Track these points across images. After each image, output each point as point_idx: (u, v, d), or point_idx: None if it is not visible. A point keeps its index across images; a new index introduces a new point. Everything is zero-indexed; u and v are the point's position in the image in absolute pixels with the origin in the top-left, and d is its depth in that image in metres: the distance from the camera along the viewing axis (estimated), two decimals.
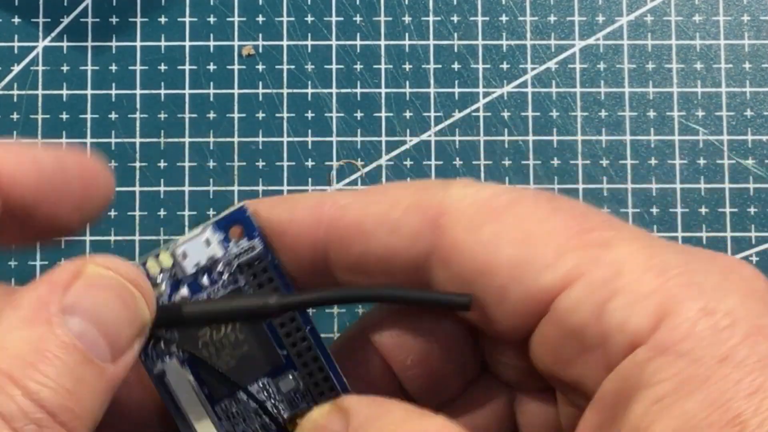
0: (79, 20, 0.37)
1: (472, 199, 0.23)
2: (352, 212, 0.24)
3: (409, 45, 0.38)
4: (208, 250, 0.25)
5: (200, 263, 0.25)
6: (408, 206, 0.23)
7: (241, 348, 0.26)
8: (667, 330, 0.20)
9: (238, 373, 0.26)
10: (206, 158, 0.37)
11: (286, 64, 0.37)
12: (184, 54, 0.37)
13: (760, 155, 0.37)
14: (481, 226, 0.22)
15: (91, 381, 0.21)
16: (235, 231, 0.25)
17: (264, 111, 0.37)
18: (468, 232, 0.22)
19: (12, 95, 0.37)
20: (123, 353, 0.22)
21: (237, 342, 0.26)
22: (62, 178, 0.24)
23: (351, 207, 0.24)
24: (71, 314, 0.21)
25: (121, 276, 0.23)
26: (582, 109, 0.37)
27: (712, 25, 0.38)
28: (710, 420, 0.18)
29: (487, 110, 0.37)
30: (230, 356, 0.26)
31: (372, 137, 0.37)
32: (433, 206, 0.23)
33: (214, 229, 0.25)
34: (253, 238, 0.25)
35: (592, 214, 0.22)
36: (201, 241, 0.25)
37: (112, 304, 0.22)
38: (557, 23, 0.38)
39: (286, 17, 0.38)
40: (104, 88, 0.37)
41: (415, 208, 0.23)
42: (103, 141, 0.37)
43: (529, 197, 0.23)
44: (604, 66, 0.38)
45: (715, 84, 0.38)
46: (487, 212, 0.22)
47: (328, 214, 0.24)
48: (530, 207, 0.22)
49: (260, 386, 0.26)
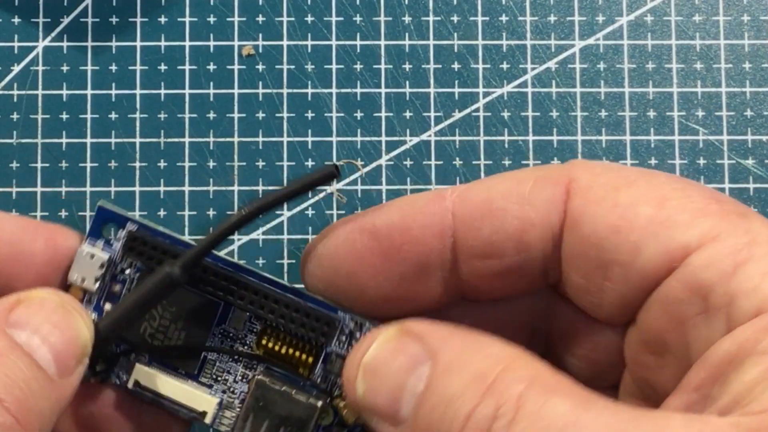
0: (79, 20, 0.37)
1: (602, 168, 0.23)
2: (478, 194, 0.24)
3: (409, 45, 0.38)
4: (95, 260, 0.26)
5: (97, 276, 0.26)
6: (536, 179, 0.24)
7: (181, 317, 0.27)
8: None
9: (194, 338, 0.27)
10: (206, 158, 0.37)
11: (286, 64, 0.37)
12: (184, 54, 0.37)
13: (760, 155, 0.37)
14: (616, 188, 0.23)
15: (41, 388, 0.22)
16: (108, 230, 0.27)
17: (264, 111, 0.37)
18: (603, 195, 0.23)
19: (12, 95, 0.37)
20: (69, 372, 0.23)
21: (174, 315, 0.27)
22: (25, 249, 0.26)
23: (475, 190, 0.24)
24: (18, 329, 0.23)
25: (60, 299, 0.24)
26: (582, 109, 0.37)
27: (712, 25, 0.38)
28: None
29: (487, 110, 0.37)
30: (177, 330, 0.27)
31: (372, 137, 0.37)
32: (562, 175, 0.23)
33: (89, 242, 0.27)
34: (124, 226, 0.26)
35: (721, 194, 0.23)
36: (84, 258, 0.26)
37: (55, 322, 0.23)
38: (557, 23, 0.38)
39: (286, 17, 0.38)
40: (104, 88, 0.37)
41: (545, 179, 0.23)
42: (103, 141, 0.37)
43: (660, 172, 0.24)
44: (604, 66, 0.38)
45: (715, 84, 0.38)
46: (621, 178, 0.23)
47: (451, 200, 0.24)
48: (664, 177, 0.23)
49: (217, 334, 0.26)
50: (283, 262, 0.37)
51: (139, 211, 0.37)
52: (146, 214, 0.37)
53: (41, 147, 0.37)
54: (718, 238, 0.21)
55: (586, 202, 0.23)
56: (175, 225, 0.37)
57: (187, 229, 0.37)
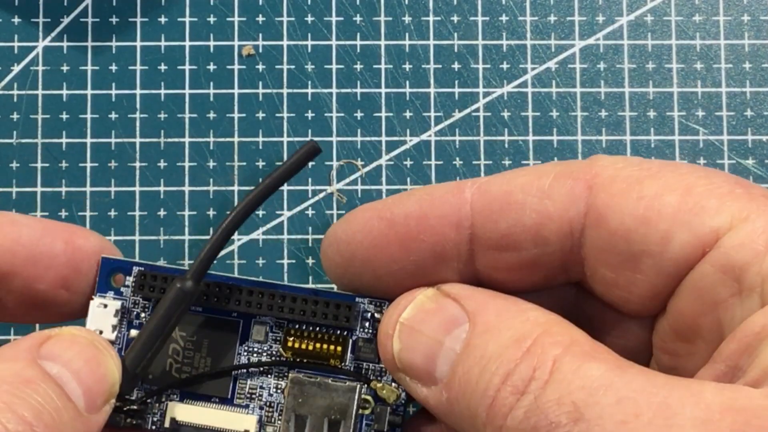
0: (79, 20, 0.37)
1: (624, 163, 0.23)
2: (497, 186, 0.24)
3: (409, 45, 0.38)
4: (109, 310, 0.27)
5: (114, 323, 0.27)
6: (557, 174, 0.23)
7: (202, 344, 0.27)
8: None
9: (219, 361, 0.27)
10: (206, 158, 0.37)
11: (286, 64, 0.37)
12: (184, 54, 0.37)
13: (760, 155, 0.37)
14: (640, 181, 0.23)
15: (70, 419, 0.23)
16: (118, 279, 0.27)
17: (264, 111, 0.37)
18: (627, 187, 0.23)
19: (12, 95, 0.37)
20: (97, 409, 0.23)
21: (197, 344, 0.27)
22: (45, 250, 0.26)
23: (494, 182, 0.24)
24: (50, 361, 0.23)
25: (91, 337, 0.24)
26: (582, 109, 0.37)
27: (712, 25, 0.38)
28: None
29: (487, 110, 0.37)
30: (202, 358, 0.27)
31: (372, 137, 0.37)
32: (583, 171, 0.23)
33: (99, 295, 0.27)
34: (130, 272, 0.27)
35: (743, 179, 0.23)
36: (97, 310, 0.27)
37: (86, 359, 0.24)
38: (557, 23, 0.38)
39: (286, 17, 0.38)
40: (104, 88, 0.37)
41: (565, 174, 0.23)
42: (103, 141, 0.37)
43: (681, 162, 0.23)
44: (604, 66, 0.38)
45: (715, 84, 0.38)
46: (644, 170, 0.23)
47: (470, 191, 0.24)
48: (686, 167, 0.23)
49: (243, 352, 0.27)
50: (283, 262, 0.37)
51: (139, 211, 0.37)
52: (146, 214, 0.37)
53: (41, 147, 0.37)
54: (748, 220, 0.21)
55: (610, 195, 0.23)
56: (175, 225, 0.37)
57: (187, 229, 0.37)
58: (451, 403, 0.22)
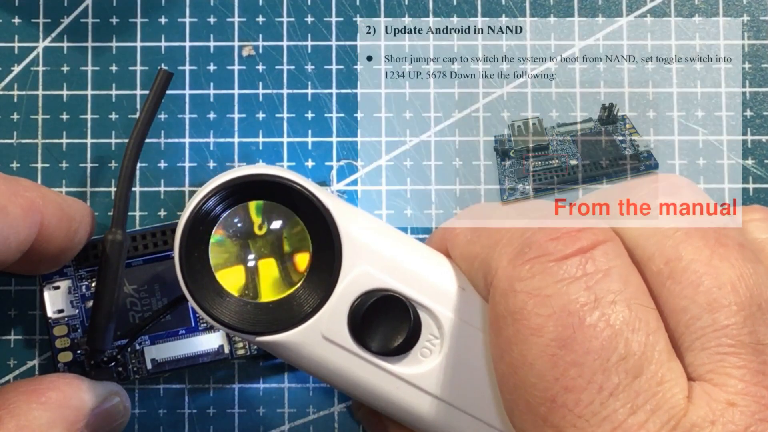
0: (79, 20, 0.38)
1: None
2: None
3: (409, 45, 0.38)
4: (62, 290, 0.31)
5: (72, 300, 0.32)
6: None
7: (154, 288, 0.30)
8: None
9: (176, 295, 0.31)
10: (206, 158, 0.37)
11: (286, 64, 0.37)
12: (184, 54, 0.37)
13: (759, 155, 0.37)
14: None
15: None
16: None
17: (264, 111, 0.37)
18: None
19: (12, 95, 0.37)
20: None
21: (147, 291, 0.30)
22: (67, 225, 0.29)
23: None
24: None
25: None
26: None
27: (712, 25, 0.38)
28: None
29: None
30: (158, 300, 0.30)
31: (372, 137, 0.37)
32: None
33: (47, 282, 0.32)
34: None
35: None
36: (51, 293, 0.31)
37: None
38: (557, 23, 0.38)
39: (286, 17, 0.38)
40: (104, 88, 0.37)
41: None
42: (103, 141, 0.37)
43: None
44: (604, 66, 0.38)
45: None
46: None
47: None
48: None
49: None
50: None
51: (139, 211, 0.37)
52: (146, 215, 0.37)
53: (41, 147, 0.37)
54: None
55: None
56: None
57: None
58: None
